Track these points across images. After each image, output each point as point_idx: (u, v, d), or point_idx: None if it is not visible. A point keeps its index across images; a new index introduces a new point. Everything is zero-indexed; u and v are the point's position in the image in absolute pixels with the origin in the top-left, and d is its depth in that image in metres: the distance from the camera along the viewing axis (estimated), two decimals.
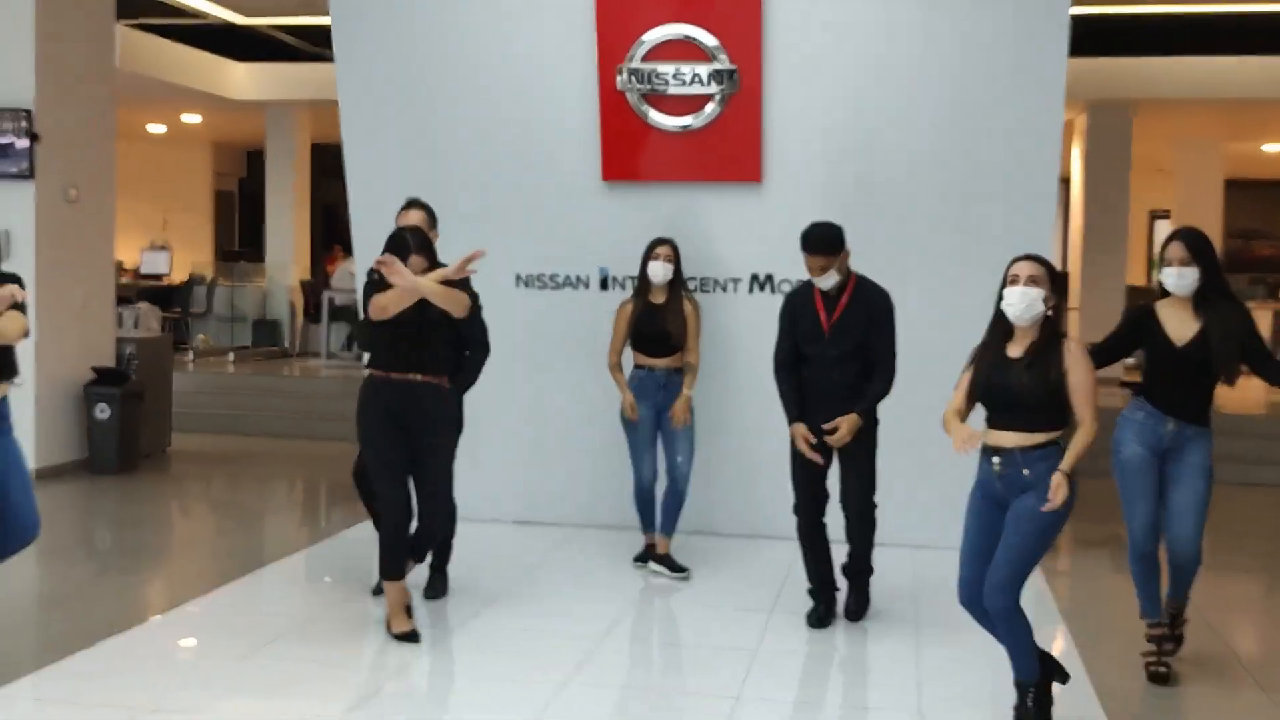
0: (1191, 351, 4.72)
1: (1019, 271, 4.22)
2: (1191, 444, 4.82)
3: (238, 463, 10.16)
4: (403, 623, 5.23)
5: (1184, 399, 4.80)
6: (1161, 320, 4.83)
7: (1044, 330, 4.20)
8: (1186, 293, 4.73)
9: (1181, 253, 4.72)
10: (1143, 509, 4.89)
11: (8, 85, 8.57)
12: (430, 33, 7.29)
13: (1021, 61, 6.73)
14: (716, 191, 7.07)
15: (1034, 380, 4.13)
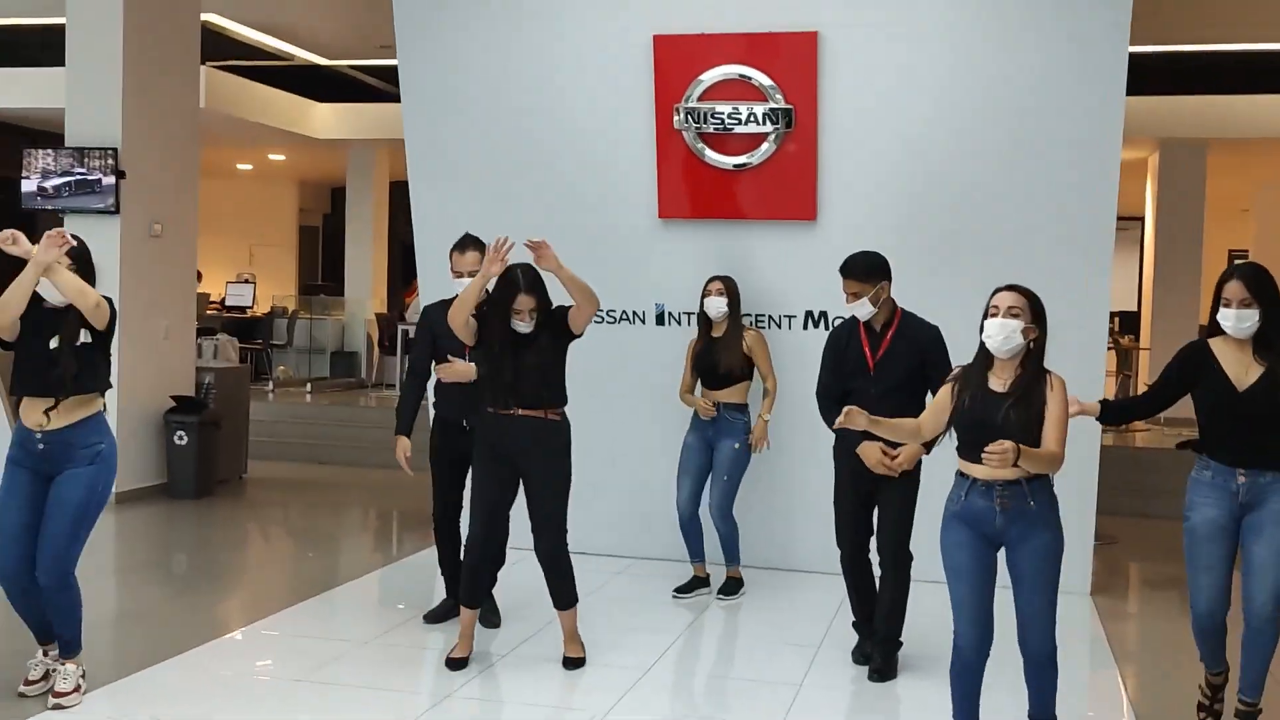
0: (1257, 395, 4.37)
1: (999, 303, 4.16)
2: (1270, 492, 4.39)
3: (312, 489, 10.42)
4: (463, 649, 5.38)
5: (1252, 446, 4.41)
6: (1219, 359, 4.47)
7: (1027, 365, 4.13)
8: (1246, 335, 4.40)
9: (1242, 292, 4.37)
10: (1208, 581, 4.49)
11: (96, 124, 8.94)
12: (492, 74, 7.50)
13: (1080, 99, 6.75)
14: (771, 229, 7.17)
15: (1019, 418, 4.04)
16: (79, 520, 4.70)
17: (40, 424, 4.64)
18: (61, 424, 4.65)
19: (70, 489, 4.66)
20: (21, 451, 4.70)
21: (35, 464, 4.69)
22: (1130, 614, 7.14)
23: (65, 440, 4.66)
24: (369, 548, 8.76)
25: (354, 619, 6.37)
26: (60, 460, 4.67)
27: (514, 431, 5.26)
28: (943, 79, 6.93)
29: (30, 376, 4.68)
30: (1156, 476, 10.00)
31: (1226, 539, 4.44)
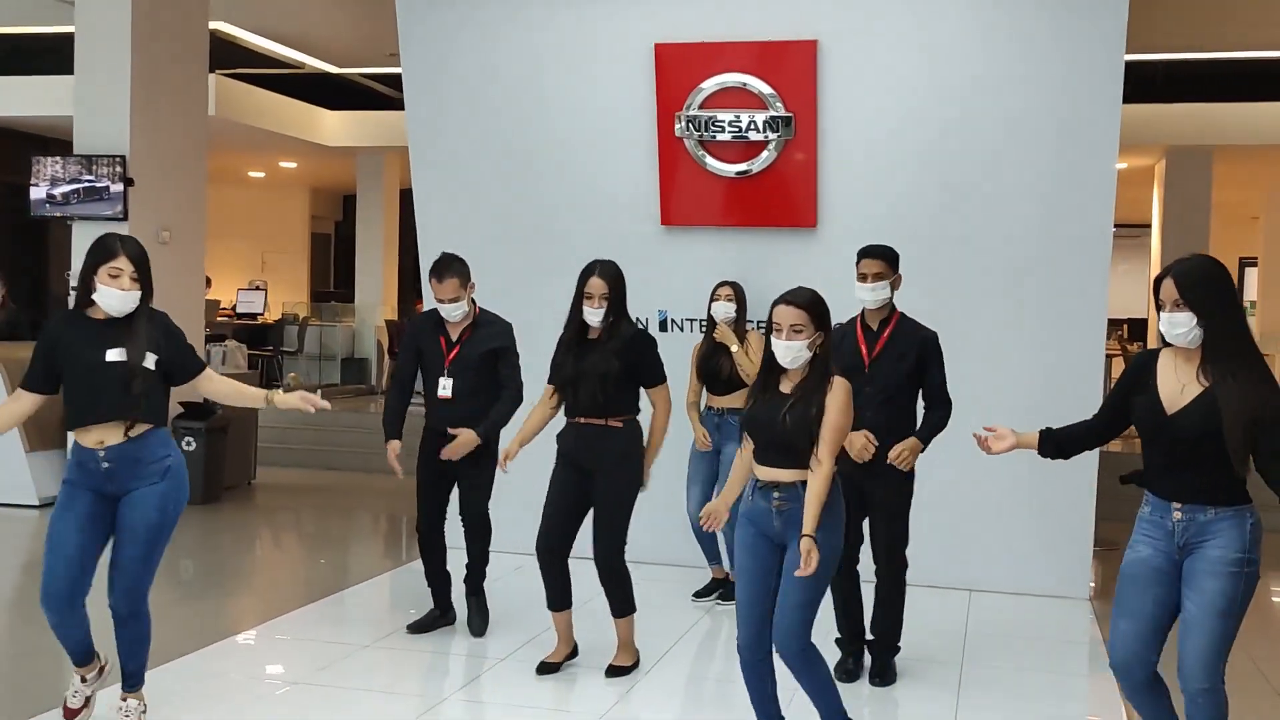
0: (1186, 419, 3.62)
1: (780, 321, 4.12)
2: (1211, 533, 3.61)
3: (321, 495, 10.48)
4: (557, 655, 5.43)
5: (1188, 478, 3.65)
6: (1160, 374, 3.75)
7: (813, 369, 4.13)
8: (1185, 344, 3.64)
9: (1173, 293, 3.62)
10: (1124, 630, 3.78)
11: (105, 132, 9.03)
12: (495, 83, 7.57)
13: (1077, 107, 6.78)
14: (772, 236, 7.22)
15: (795, 420, 4.07)
16: (153, 544, 4.34)
17: (101, 440, 4.21)
18: (123, 437, 4.23)
19: (142, 511, 4.28)
20: (82, 473, 4.28)
21: (98, 484, 4.27)
22: None
23: (131, 456, 4.24)
24: (378, 553, 8.82)
25: (362, 622, 6.42)
26: (126, 479, 4.25)
27: (579, 439, 5.26)
28: (940, 87, 6.97)
29: (95, 401, 4.21)
30: None
31: (1160, 584, 3.71)
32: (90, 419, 4.22)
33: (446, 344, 5.75)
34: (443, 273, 5.63)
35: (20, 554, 8.04)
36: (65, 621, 4.38)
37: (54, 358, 4.27)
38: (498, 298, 6.18)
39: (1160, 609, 3.70)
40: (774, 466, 4.13)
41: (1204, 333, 3.59)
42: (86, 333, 4.25)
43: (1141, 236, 16.04)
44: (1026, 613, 6.75)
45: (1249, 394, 3.52)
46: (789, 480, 4.10)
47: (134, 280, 4.23)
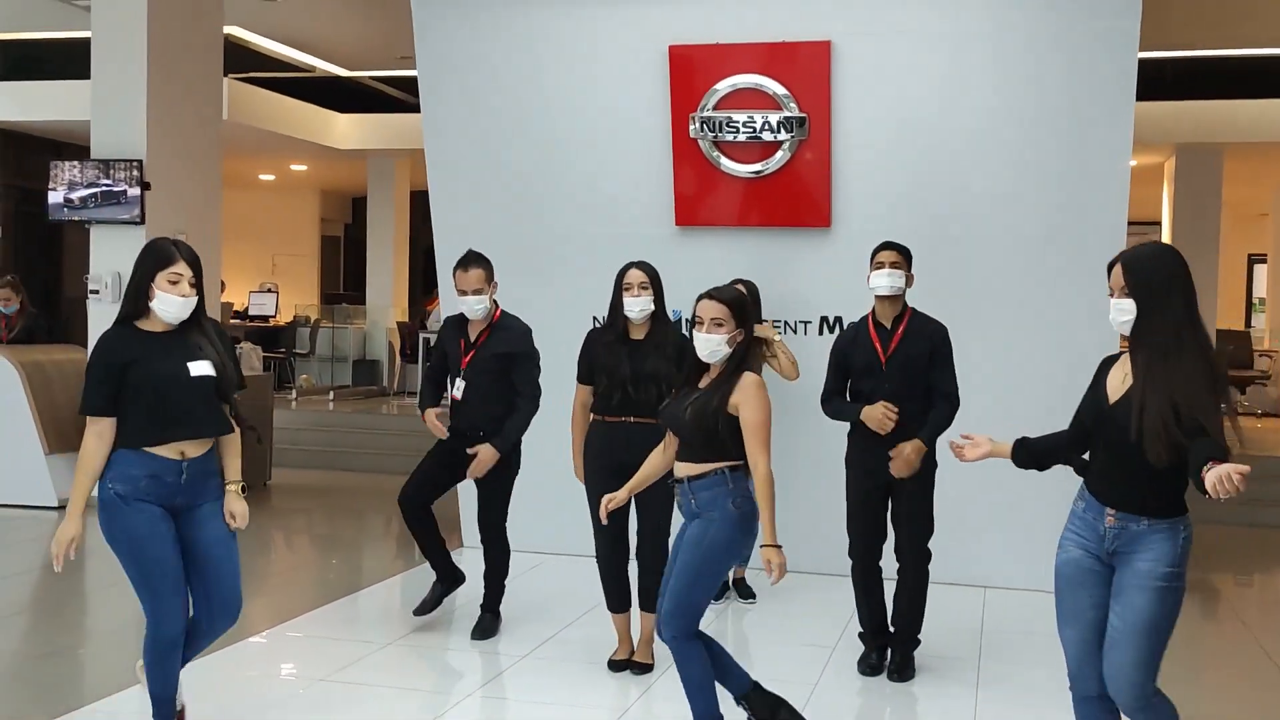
0: (1116, 415, 3.49)
1: (702, 315, 4.20)
2: (1141, 544, 3.47)
3: (335, 496, 10.54)
4: (623, 651, 5.46)
5: (1124, 479, 3.50)
6: (1112, 370, 3.65)
7: (728, 364, 4.20)
8: (1127, 332, 3.55)
9: (1120, 279, 3.52)
10: (1069, 636, 3.65)
11: (122, 137, 9.09)
12: (510, 85, 7.62)
13: (1090, 104, 6.82)
14: (786, 236, 7.26)
15: (694, 411, 4.14)
16: (236, 553, 4.25)
17: (183, 453, 4.01)
18: (204, 450, 4.08)
19: (224, 521, 4.17)
20: (154, 486, 4.01)
21: (169, 497, 4.04)
22: None
23: (206, 469, 4.10)
24: (391, 553, 8.86)
25: (378, 622, 6.47)
26: (201, 490, 4.09)
27: (630, 440, 5.16)
28: (954, 87, 7.01)
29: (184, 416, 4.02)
30: None
31: (1094, 584, 3.57)
32: (181, 434, 4.01)
33: (465, 345, 5.80)
34: (468, 264, 5.69)
35: (40, 555, 8.10)
36: (177, 655, 4.17)
37: (121, 376, 3.98)
38: (514, 299, 6.23)
39: (1099, 611, 3.56)
40: (679, 460, 4.25)
41: (1139, 319, 3.45)
42: (152, 346, 4.02)
43: (1150, 234, 16.03)
44: (1042, 609, 6.75)
45: (1171, 385, 3.33)
46: (680, 475, 4.23)
47: (192, 286, 4.04)
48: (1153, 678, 3.48)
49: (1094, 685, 3.59)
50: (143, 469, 3.99)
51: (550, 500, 6.77)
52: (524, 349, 5.77)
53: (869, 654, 5.56)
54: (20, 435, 9.09)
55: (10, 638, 6.09)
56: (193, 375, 4.00)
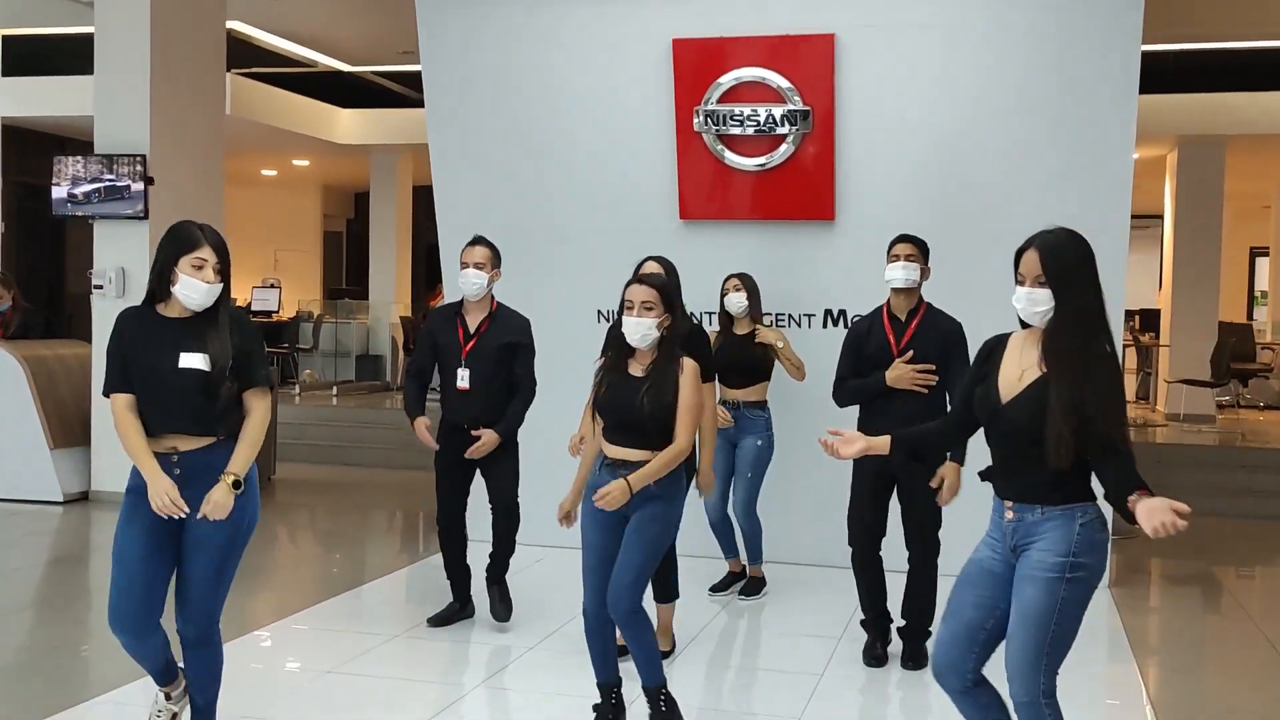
0: (1017, 409, 3.34)
1: (632, 299, 4.29)
2: (1038, 535, 3.32)
3: (339, 491, 10.56)
4: (662, 645, 5.46)
5: (1019, 472, 3.36)
6: (1004, 360, 3.47)
7: (661, 350, 4.31)
8: (1041, 324, 3.37)
9: (1036, 268, 3.33)
10: (940, 633, 3.55)
11: (125, 132, 9.10)
12: (514, 80, 7.63)
13: (1093, 97, 6.83)
14: (790, 230, 7.27)
15: (652, 404, 4.24)
16: (224, 559, 3.95)
17: (174, 446, 3.86)
18: (199, 445, 3.88)
19: (216, 528, 3.88)
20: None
21: None
22: (1150, 607, 7.20)
23: (205, 463, 3.87)
24: (395, 548, 8.89)
25: (383, 615, 6.50)
26: (198, 488, 3.84)
27: None
28: (957, 79, 7.02)
29: (169, 410, 3.85)
30: (1177, 473, 10.04)
31: (986, 585, 3.42)
32: (163, 429, 3.85)
33: (464, 335, 5.81)
34: (476, 242, 5.79)
35: (46, 550, 8.13)
36: (140, 644, 3.98)
37: (128, 357, 3.88)
38: (517, 293, 6.24)
39: (980, 612, 3.40)
40: (624, 446, 4.32)
41: (1054, 312, 3.29)
42: (160, 333, 3.87)
43: (1153, 227, 16.05)
44: None
45: (1080, 384, 3.21)
46: (636, 460, 4.29)
47: (217, 273, 3.86)
48: (1043, 675, 3.30)
49: (958, 681, 3.46)
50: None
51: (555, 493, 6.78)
52: (526, 340, 5.82)
53: (873, 644, 5.60)
54: (25, 430, 9.10)
55: (18, 631, 6.11)
56: (180, 367, 3.80)
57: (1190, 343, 13.26)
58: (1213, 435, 12.08)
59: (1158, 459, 10.30)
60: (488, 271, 5.74)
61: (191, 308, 3.86)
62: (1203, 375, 12.90)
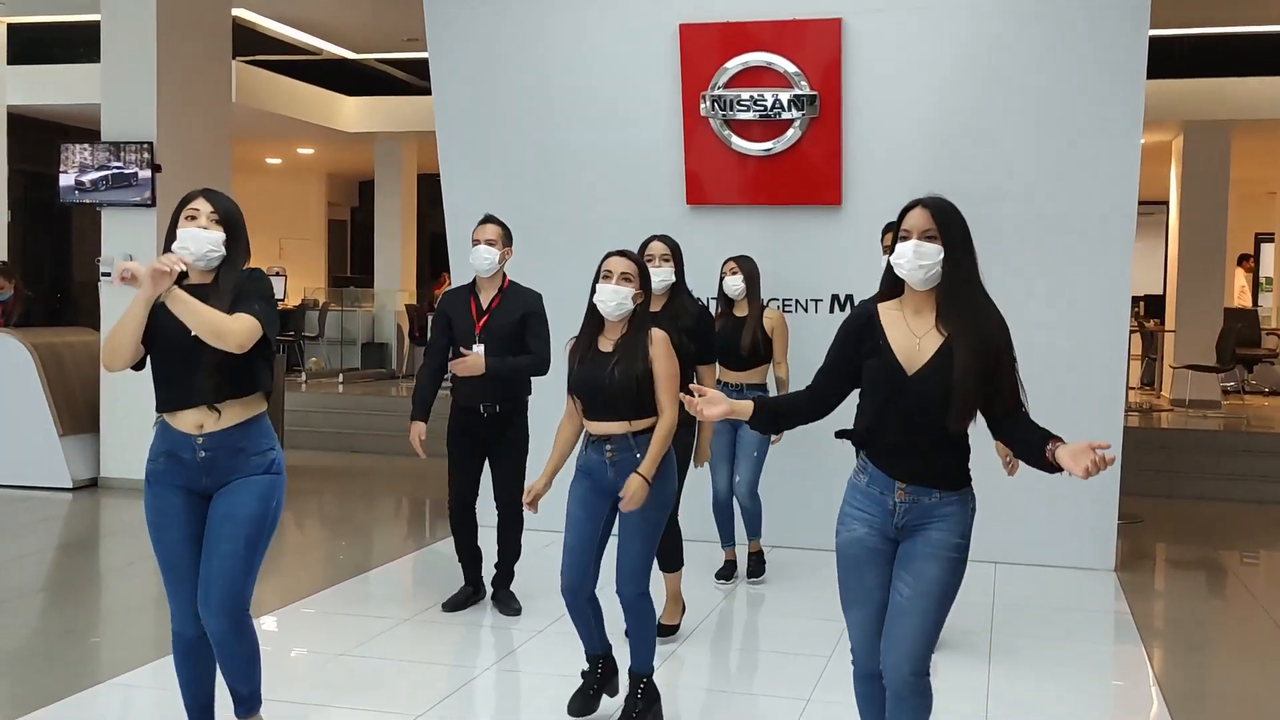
0: (928, 378, 3.21)
1: (611, 269, 4.33)
2: (935, 515, 3.27)
3: (345, 478, 10.58)
4: (673, 616, 5.56)
5: (920, 452, 3.26)
6: (887, 331, 3.30)
7: (631, 324, 4.34)
8: (926, 282, 3.23)
9: (927, 222, 3.21)
10: (860, 618, 3.40)
11: (132, 120, 9.11)
12: (521, 65, 7.64)
13: (1101, 83, 6.84)
14: (797, 215, 7.27)
15: (623, 376, 4.26)
16: (254, 542, 3.72)
17: (200, 425, 3.63)
18: (227, 424, 3.66)
19: (243, 501, 3.69)
20: (171, 464, 3.69)
21: (191, 479, 3.69)
22: (1155, 591, 7.22)
23: (233, 445, 3.67)
24: (402, 534, 8.91)
25: (391, 599, 6.52)
26: (226, 470, 3.68)
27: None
28: (964, 64, 7.02)
29: (183, 381, 3.64)
30: (1182, 458, 10.07)
31: (881, 565, 3.34)
32: (179, 402, 3.65)
33: (477, 311, 5.83)
34: (488, 220, 5.85)
35: (56, 536, 8.16)
36: (199, 655, 3.79)
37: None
38: (524, 277, 6.24)
39: (885, 592, 3.34)
40: (604, 420, 4.34)
41: (944, 273, 3.22)
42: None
43: (1157, 213, 16.03)
44: (1052, 584, 6.82)
45: (985, 343, 3.19)
46: (619, 432, 4.33)
47: (214, 220, 3.65)
48: (931, 652, 3.31)
49: (878, 662, 3.38)
50: (162, 444, 3.70)
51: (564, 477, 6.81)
52: (538, 309, 5.83)
53: None
54: (34, 417, 9.14)
55: (30, 616, 6.15)
56: (193, 334, 3.54)
57: (1196, 329, 13.27)
58: (1218, 421, 12.09)
59: (1163, 444, 10.32)
60: (499, 248, 5.78)
61: (194, 262, 3.61)
62: (1208, 361, 12.91)
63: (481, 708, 4.92)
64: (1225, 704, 5.14)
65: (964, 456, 3.30)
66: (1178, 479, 9.73)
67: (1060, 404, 7.00)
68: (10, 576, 6.83)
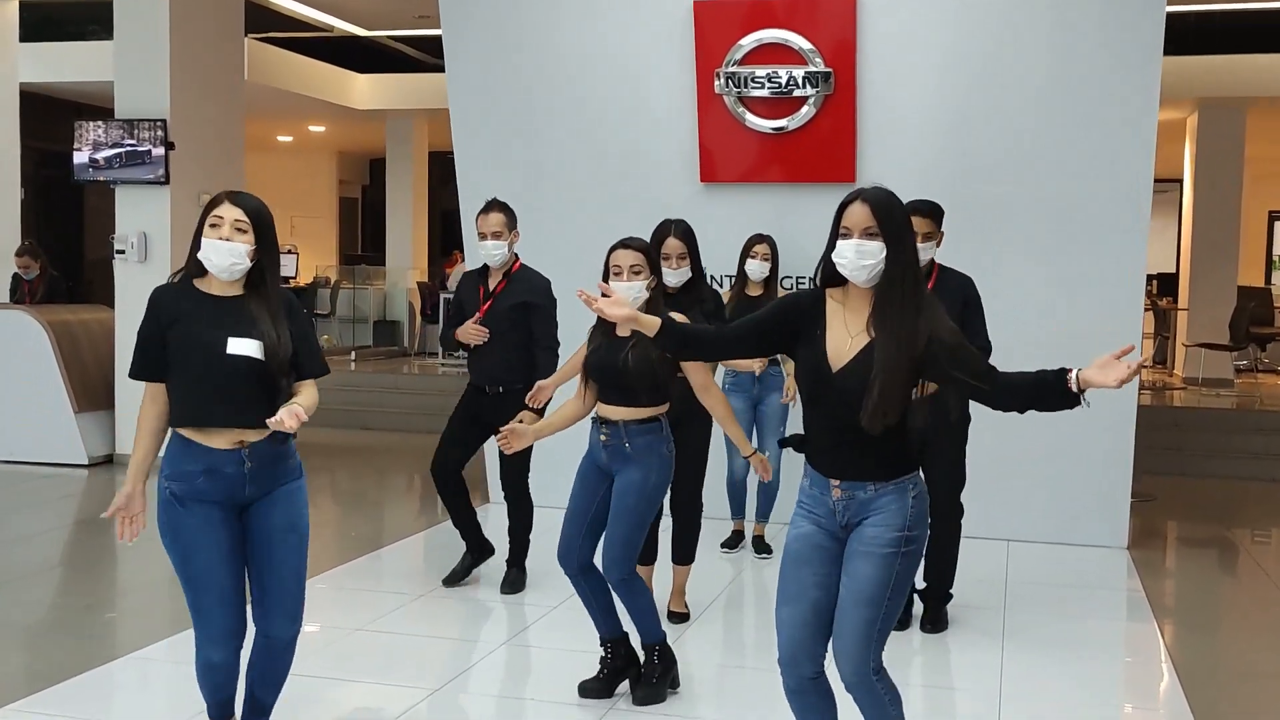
0: (850, 375, 3.13)
1: (620, 263, 4.37)
2: (871, 510, 3.18)
3: (357, 455, 10.63)
4: (679, 604, 5.59)
5: (846, 448, 3.19)
6: (828, 323, 3.21)
7: (648, 310, 4.17)
8: (868, 280, 3.13)
9: (868, 219, 3.09)
10: (784, 616, 3.29)
11: (146, 97, 9.12)
12: (535, 43, 7.62)
13: (1117, 60, 6.80)
14: (811, 192, 7.25)
15: (637, 361, 4.29)
16: (304, 548, 3.70)
17: (241, 440, 3.48)
18: (266, 433, 3.49)
19: (299, 512, 3.65)
20: (210, 482, 3.50)
21: (232, 492, 3.53)
22: (1167, 569, 7.23)
23: (275, 454, 3.55)
24: (414, 511, 8.95)
25: (405, 576, 6.56)
26: (267, 480, 3.56)
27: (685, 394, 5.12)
28: (979, 41, 7.00)
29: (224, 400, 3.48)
30: (1195, 437, 10.06)
31: (821, 561, 3.24)
32: (225, 421, 3.48)
33: (484, 295, 5.85)
34: (489, 208, 5.79)
35: (72, 513, 8.22)
36: (227, 666, 3.64)
37: (165, 338, 3.51)
38: (537, 258, 6.24)
39: (822, 591, 3.22)
40: (609, 404, 4.42)
41: (885, 270, 3.11)
42: (204, 311, 3.50)
43: (1171, 191, 15.96)
44: (1064, 562, 6.84)
45: (910, 336, 3.08)
46: (616, 418, 4.40)
47: (239, 230, 3.46)
48: (873, 651, 3.20)
49: (808, 668, 3.26)
50: (199, 463, 3.49)
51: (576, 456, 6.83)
52: (543, 300, 5.80)
53: None
54: (50, 394, 9.19)
55: (48, 590, 6.20)
56: (230, 352, 3.44)
57: (1209, 307, 13.23)
58: (1231, 399, 12.08)
59: (1176, 423, 10.31)
60: (505, 238, 5.76)
61: (216, 274, 3.48)
62: (1221, 339, 12.88)
63: (496, 683, 4.96)
64: (1237, 681, 5.16)
65: (902, 445, 3.18)
66: (1190, 457, 9.72)
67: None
68: (28, 552, 6.88)
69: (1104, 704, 4.82)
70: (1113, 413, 6.87)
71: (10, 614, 5.66)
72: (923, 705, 4.65)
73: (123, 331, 9.20)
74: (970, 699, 4.83)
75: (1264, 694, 4.97)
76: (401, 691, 4.61)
